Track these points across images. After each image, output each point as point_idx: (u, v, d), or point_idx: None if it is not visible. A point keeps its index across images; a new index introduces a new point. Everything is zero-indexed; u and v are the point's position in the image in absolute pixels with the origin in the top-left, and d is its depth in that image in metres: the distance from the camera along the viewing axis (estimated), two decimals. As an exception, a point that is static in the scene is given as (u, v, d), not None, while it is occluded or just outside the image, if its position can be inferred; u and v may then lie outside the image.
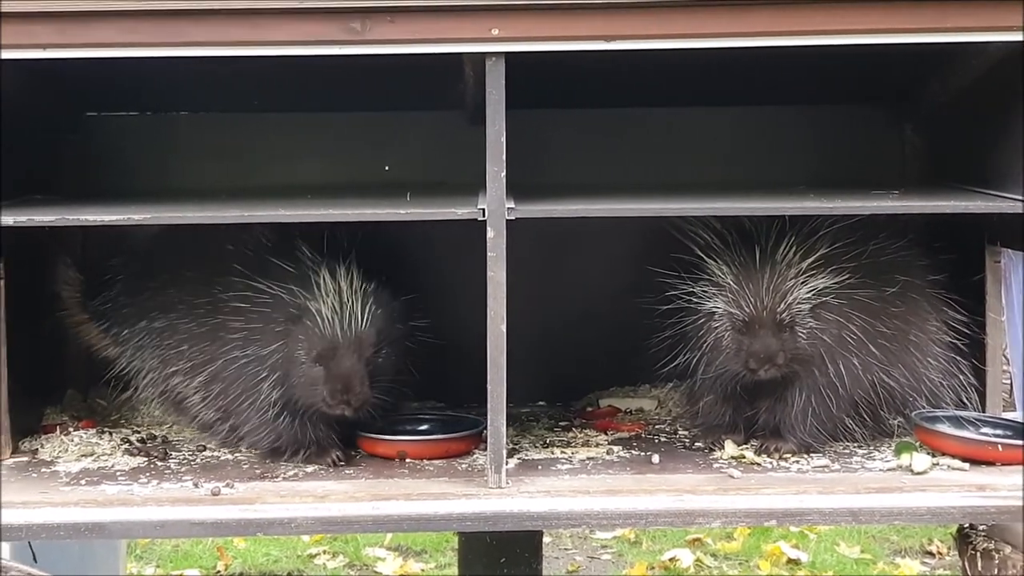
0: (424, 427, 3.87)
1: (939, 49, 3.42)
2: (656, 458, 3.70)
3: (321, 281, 3.56)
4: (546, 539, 4.50)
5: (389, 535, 7.41)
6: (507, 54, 3.30)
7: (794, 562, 7.27)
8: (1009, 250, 3.92)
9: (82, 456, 3.78)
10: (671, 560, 7.23)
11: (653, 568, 7.15)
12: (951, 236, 3.92)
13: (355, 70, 3.51)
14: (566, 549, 7.51)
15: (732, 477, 3.51)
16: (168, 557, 7.38)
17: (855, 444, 3.78)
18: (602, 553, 7.49)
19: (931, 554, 7.44)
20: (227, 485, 3.45)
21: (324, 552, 7.39)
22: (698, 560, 7.27)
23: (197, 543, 7.48)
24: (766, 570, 7.15)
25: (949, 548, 7.41)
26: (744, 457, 3.67)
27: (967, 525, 3.67)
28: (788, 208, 3.58)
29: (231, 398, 3.73)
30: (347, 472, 3.58)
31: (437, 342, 3.78)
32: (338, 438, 3.68)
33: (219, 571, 7.22)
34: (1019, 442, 3.57)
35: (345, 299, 3.54)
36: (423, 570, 7.20)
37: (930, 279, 3.88)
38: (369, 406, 3.57)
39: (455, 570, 6.87)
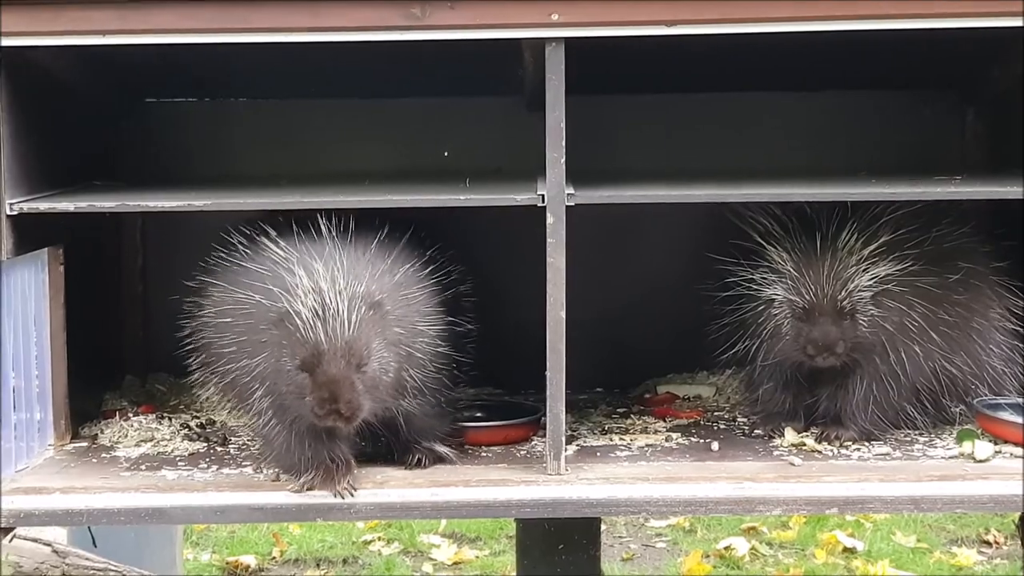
0: (481, 414, 3.85)
1: (1002, 34, 3.37)
2: (715, 445, 3.69)
3: (297, 281, 3.24)
4: (601, 527, 4.49)
5: (444, 522, 7.43)
6: (567, 39, 3.29)
7: (850, 551, 7.25)
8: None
9: (141, 441, 3.79)
10: (726, 549, 7.23)
11: (708, 556, 7.14)
12: (1014, 222, 3.87)
13: (414, 56, 3.50)
14: (620, 537, 7.51)
15: (793, 465, 3.49)
16: (224, 543, 7.41)
17: (916, 432, 3.75)
18: (657, 541, 7.48)
19: (988, 543, 7.42)
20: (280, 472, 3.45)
21: (379, 539, 7.42)
22: (753, 549, 7.25)
23: (253, 530, 7.51)
24: (822, 559, 7.13)
25: (1007, 537, 7.38)
26: (804, 445, 3.65)
27: (1029, 514, 3.65)
28: (850, 194, 3.55)
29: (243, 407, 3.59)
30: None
31: (475, 344, 3.69)
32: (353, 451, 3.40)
33: (274, 557, 7.25)
34: (1083, 430, 3.54)
35: (328, 300, 3.20)
36: (477, 557, 7.22)
37: (993, 266, 3.85)
38: (368, 415, 3.25)
39: (509, 557, 6.91)
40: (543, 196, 3.31)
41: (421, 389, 3.43)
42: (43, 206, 3.42)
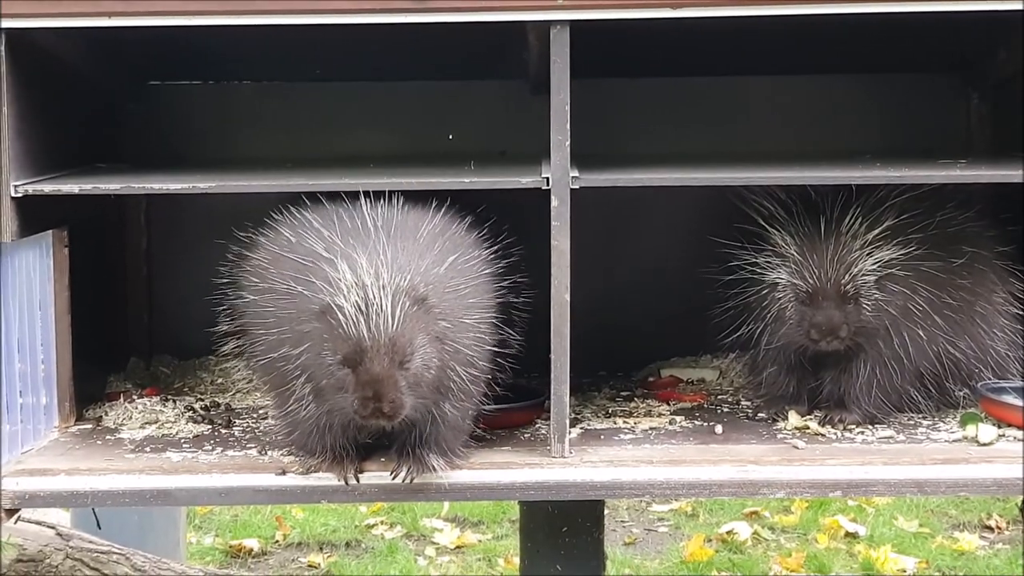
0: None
1: (1006, 17, 3.37)
2: (719, 428, 3.69)
3: (340, 275, 3.15)
4: (604, 510, 4.49)
5: (446, 506, 7.43)
6: (572, 22, 3.28)
7: (852, 535, 7.26)
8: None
9: (146, 423, 3.80)
10: (728, 533, 7.24)
11: (710, 541, 7.15)
12: (1019, 206, 3.87)
13: (418, 39, 3.51)
14: (623, 522, 7.52)
15: (796, 448, 3.50)
16: (227, 527, 7.42)
17: (920, 415, 3.75)
18: (659, 525, 7.49)
19: (990, 528, 7.43)
20: (289, 452, 3.44)
21: (381, 523, 7.42)
22: (756, 533, 7.26)
23: (256, 513, 7.52)
24: (824, 543, 7.14)
25: (1009, 522, 7.38)
26: (808, 428, 3.65)
27: (1032, 497, 3.65)
28: (855, 177, 3.54)
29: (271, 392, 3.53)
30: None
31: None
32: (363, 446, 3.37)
33: (277, 541, 7.26)
34: (1086, 414, 3.55)
35: (372, 295, 3.12)
36: (480, 541, 7.22)
37: (997, 250, 3.85)
38: (410, 413, 3.17)
39: (512, 541, 6.92)
40: (548, 179, 3.31)
41: (466, 389, 3.32)
42: (48, 188, 3.42)
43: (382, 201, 3.33)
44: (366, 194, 3.34)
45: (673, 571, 6.83)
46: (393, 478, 3.31)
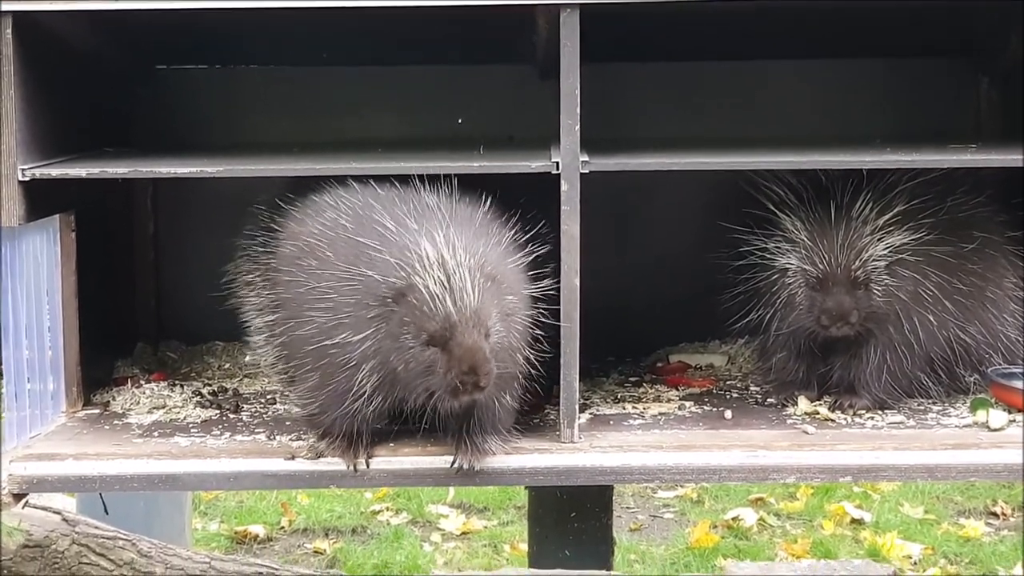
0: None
1: (1018, 2, 3.36)
2: (728, 414, 3.69)
3: (423, 253, 3.13)
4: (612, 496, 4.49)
5: (452, 492, 7.43)
6: (582, 5, 3.27)
7: (857, 522, 7.26)
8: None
9: (154, 408, 3.80)
10: (734, 519, 7.23)
11: (716, 527, 7.14)
12: (1025, 192, 3.87)
13: (427, 23, 3.49)
14: (628, 508, 7.51)
15: (806, 433, 3.49)
16: (232, 513, 7.42)
17: (930, 401, 3.75)
18: (665, 512, 7.49)
19: (995, 515, 7.42)
20: (298, 437, 3.46)
21: (387, 509, 7.42)
22: (761, 519, 7.26)
23: (261, 499, 7.52)
24: (829, 530, 7.13)
25: (1014, 509, 7.38)
26: (818, 413, 3.65)
27: (1041, 483, 3.65)
28: (865, 162, 3.53)
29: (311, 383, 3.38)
30: (418, 427, 3.47)
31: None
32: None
33: (283, 527, 7.25)
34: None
35: (452, 270, 3.11)
36: (486, 527, 7.22)
37: (1008, 235, 3.84)
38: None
39: (518, 527, 6.92)
40: (557, 163, 3.31)
41: (519, 371, 3.32)
42: (55, 172, 3.41)
43: (435, 185, 3.32)
44: (420, 178, 3.32)
45: (679, 557, 6.82)
46: (454, 467, 3.30)
